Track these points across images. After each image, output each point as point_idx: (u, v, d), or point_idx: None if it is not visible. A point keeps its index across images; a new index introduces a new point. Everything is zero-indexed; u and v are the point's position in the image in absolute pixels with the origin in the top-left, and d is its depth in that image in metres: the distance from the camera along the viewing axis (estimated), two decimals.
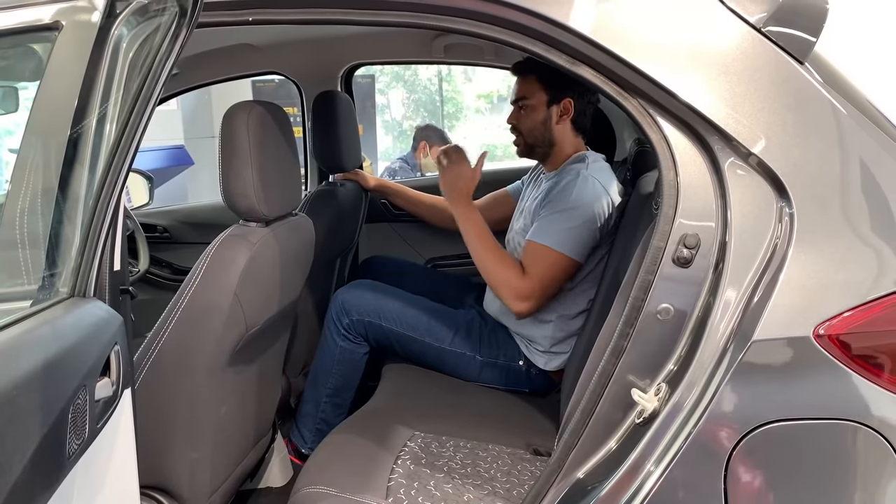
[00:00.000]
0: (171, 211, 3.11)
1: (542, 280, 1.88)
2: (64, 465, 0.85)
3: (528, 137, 2.08)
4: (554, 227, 1.88)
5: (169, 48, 1.00)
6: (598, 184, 1.91)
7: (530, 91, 2.04)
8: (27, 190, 1.11)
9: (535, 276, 1.88)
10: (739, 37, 1.06)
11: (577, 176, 1.92)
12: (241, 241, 1.46)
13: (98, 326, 0.97)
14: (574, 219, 1.86)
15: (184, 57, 2.62)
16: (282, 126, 1.58)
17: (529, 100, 2.04)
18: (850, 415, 0.99)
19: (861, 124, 1.06)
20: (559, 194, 1.91)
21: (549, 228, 1.89)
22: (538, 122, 2.05)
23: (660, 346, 1.07)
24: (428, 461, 1.54)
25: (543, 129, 2.05)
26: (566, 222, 1.87)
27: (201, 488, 1.51)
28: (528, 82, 2.04)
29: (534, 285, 1.87)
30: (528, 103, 2.05)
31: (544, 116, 2.04)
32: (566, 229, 1.86)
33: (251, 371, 1.67)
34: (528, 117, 2.06)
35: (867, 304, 1.00)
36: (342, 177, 2.59)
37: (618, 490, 1.05)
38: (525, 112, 2.06)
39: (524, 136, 2.09)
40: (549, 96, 2.02)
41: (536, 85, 2.02)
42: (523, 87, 2.06)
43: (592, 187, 1.90)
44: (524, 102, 2.05)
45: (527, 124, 2.07)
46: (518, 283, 1.88)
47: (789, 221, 1.02)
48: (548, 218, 1.90)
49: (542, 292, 1.89)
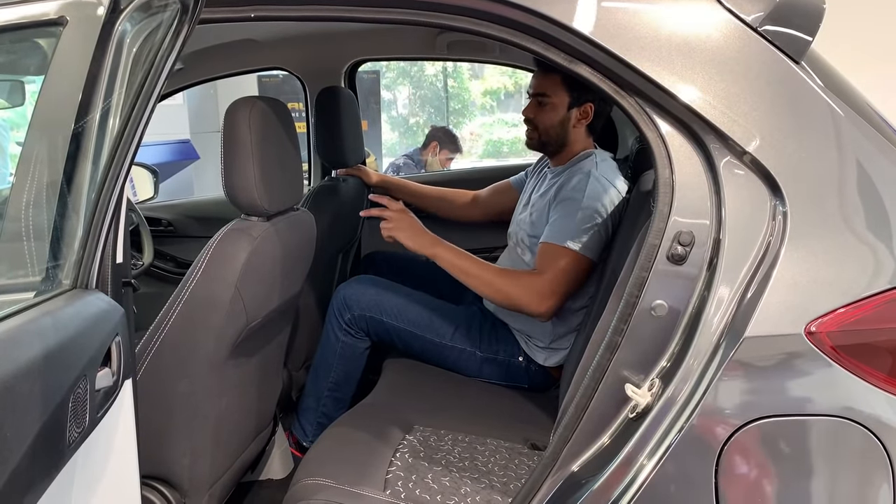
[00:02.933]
0: (176, 205, 3.13)
1: (560, 278, 1.85)
2: (64, 452, 0.87)
3: (544, 135, 2.06)
4: (568, 227, 1.87)
5: (171, 44, 1.02)
6: (608, 183, 1.91)
7: (552, 89, 2.00)
8: (32, 183, 1.12)
9: (552, 275, 1.86)
10: (736, 36, 1.06)
11: (589, 176, 1.91)
12: (242, 236, 1.47)
13: (99, 317, 0.99)
14: (587, 219, 1.86)
15: (188, 52, 2.65)
16: (284, 121, 1.59)
17: (551, 97, 2.01)
18: (841, 412, 1.00)
19: (856, 124, 1.06)
20: (570, 195, 1.91)
21: (564, 229, 1.88)
22: (556, 122, 2.03)
23: (653, 342, 1.08)
24: (426, 454, 1.56)
25: (561, 129, 2.03)
26: (580, 223, 1.86)
27: (202, 479, 1.53)
28: (551, 79, 2.00)
29: (553, 284, 1.85)
30: (548, 100, 2.02)
31: (563, 117, 2.02)
32: (580, 230, 1.86)
33: (252, 364, 1.69)
34: (546, 114, 2.03)
35: (859, 301, 1.01)
36: (345, 172, 2.60)
37: (611, 483, 1.07)
38: (543, 108, 2.03)
39: (539, 132, 2.07)
40: (571, 98, 2.00)
41: (560, 84, 1.99)
42: (545, 82, 2.02)
43: (603, 188, 1.90)
44: (544, 99, 2.02)
45: (544, 121, 2.04)
46: (536, 285, 1.86)
47: (783, 219, 1.03)
48: (561, 219, 1.90)
49: (562, 290, 1.86)
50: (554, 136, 2.05)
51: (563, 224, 1.89)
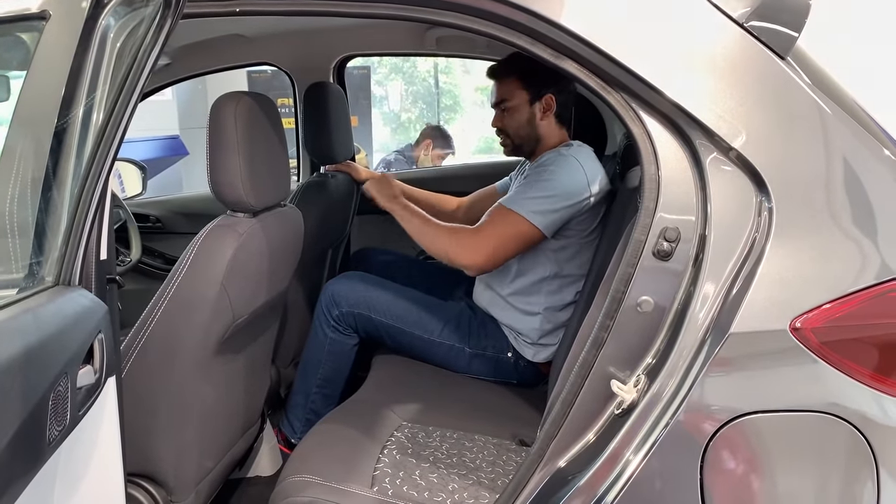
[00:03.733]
0: (164, 201, 3.11)
1: (496, 238, 1.86)
2: (44, 450, 0.86)
3: (515, 138, 2.09)
4: (524, 195, 1.88)
5: (154, 38, 1.01)
6: (576, 162, 1.90)
7: (510, 93, 2.04)
8: (16, 179, 1.11)
9: (490, 232, 1.87)
10: (722, 32, 1.06)
11: (558, 155, 1.94)
12: (228, 232, 1.47)
13: (81, 315, 0.98)
14: (546, 190, 1.86)
15: (176, 47, 2.64)
16: (270, 117, 1.58)
17: (511, 101, 2.04)
18: (826, 408, 1.01)
19: (843, 121, 1.06)
20: (536, 170, 1.93)
21: (519, 195, 1.89)
22: (523, 122, 2.05)
23: (639, 338, 1.08)
24: (414, 451, 1.56)
25: (529, 127, 2.05)
26: (537, 192, 1.86)
27: (188, 476, 1.52)
28: (506, 84, 2.05)
29: (488, 241, 1.86)
30: (509, 105, 2.05)
31: (528, 115, 2.04)
32: (535, 198, 1.86)
33: (239, 361, 1.68)
34: (511, 118, 2.06)
35: (844, 297, 1.01)
36: (333, 168, 2.60)
37: (597, 479, 1.07)
38: (508, 113, 2.07)
39: (511, 136, 2.10)
40: (530, 95, 2.02)
41: (516, 85, 2.03)
42: (502, 89, 2.06)
43: (569, 165, 1.90)
44: (506, 104, 2.06)
45: (512, 125, 2.07)
46: (470, 240, 1.88)
47: (768, 215, 1.03)
48: (521, 188, 1.92)
49: (495, 251, 1.86)
50: (525, 135, 2.07)
51: (521, 191, 1.91)
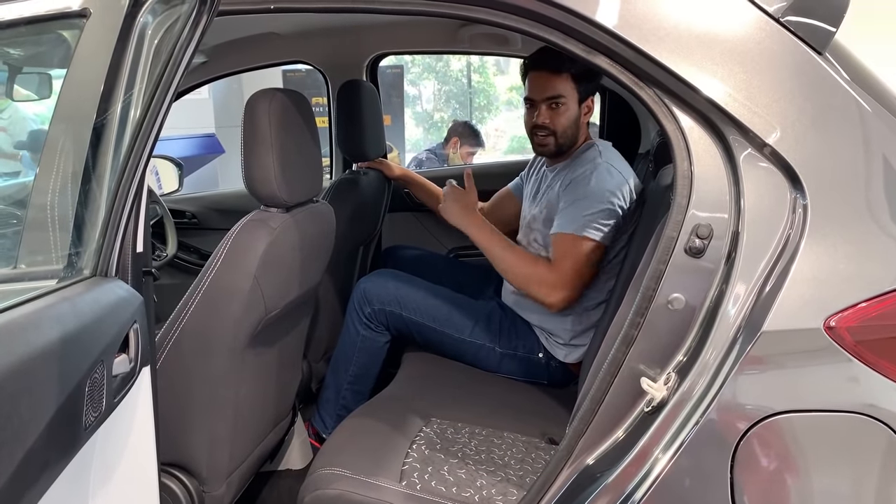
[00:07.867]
0: (200, 197, 3.16)
1: (573, 267, 1.86)
2: (80, 435, 0.88)
3: (562, 137, 1.99)
4: (575, 214, 1.87)
5: (190, 35, 1.03)
6: (613, 169, 1.91)
7: (566, 88, 1.94)
8: (57, 173, 1.14)
9: (565, 264, 1.86)
10: (757, 26, 1.05)
11: (595, 166, 1.91)
12: (261, 226, 1.49)
13: (117, 305, 1.00)
14: (594, 204, 1.85)
15: (211, 45, 2.67)
16: (303, 114, 1.60)
17: (565, 97, 1.95)
18: (860, 408, 0.98)
19: (881, 117, 1.04)
20: (577, 184, 1.91)
21: (571, 217, 1.88)
22: (572, 121, 1.98)
23: (670, 335, 1.07)
24: (443, 447, 1.56)
25: (575, 128, 1.99)
26: (587, 209, 1.86)
27: (220, 467, 1.55)
28: (562, 79, 1.93)
29: (566, 274, 1.86)
30: (563, 101, 1.95)
31: (576, 115, 1.98)
32: (587, 215, 1.85)
33: (271, 354, 1.70)
34: (562, 116, 1.96)
35: (882, 296, 0.99)
36: (366, 165, 2.61)
37: (625, 476, 1.06)
38: (559, 111, 1.96)
39: (557, 136, 1.99)
40: (580, 95, 1.96)
41: (571, 82, 1.94)
42: (558, 84, 1.94)
43: (609, 173, 1.89)
44: (560, 100, 1.95)
45: (562, 124, 1.97)
46: (548, 276, 1.87)
47: (803, 213, 1.01)
48: (568, 208, 1.90)
49: (575, 281, 1.87)
50: (570, 136, 2.00)
51: (573, 213, 1.88)
